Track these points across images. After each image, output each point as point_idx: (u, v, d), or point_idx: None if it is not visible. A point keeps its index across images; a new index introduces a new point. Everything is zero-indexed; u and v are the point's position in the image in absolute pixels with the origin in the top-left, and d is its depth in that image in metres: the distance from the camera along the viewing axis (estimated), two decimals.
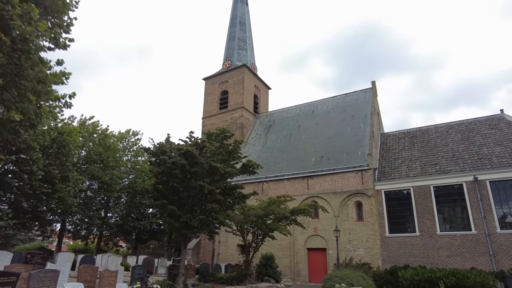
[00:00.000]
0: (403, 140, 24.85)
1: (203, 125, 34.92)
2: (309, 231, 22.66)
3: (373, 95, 27.83)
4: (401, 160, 22.73)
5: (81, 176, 21.44)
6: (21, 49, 6.78)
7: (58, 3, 7.67)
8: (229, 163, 15.75)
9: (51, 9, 8.05)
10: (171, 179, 14.30)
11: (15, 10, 5.73)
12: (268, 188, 25.45)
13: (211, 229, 15.96)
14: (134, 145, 29.07)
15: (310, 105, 31.95)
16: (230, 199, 15.92)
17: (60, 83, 8.46)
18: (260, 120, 34.17)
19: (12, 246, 31.80)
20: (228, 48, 39.16)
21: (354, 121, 26.49)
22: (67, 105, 9.09)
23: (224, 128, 16.85)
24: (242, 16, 40.54)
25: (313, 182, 23.69)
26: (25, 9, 6.02)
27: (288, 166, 25.91)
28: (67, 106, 9.11)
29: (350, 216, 21.82)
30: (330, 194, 22.73)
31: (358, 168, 22.16)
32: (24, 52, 6.92)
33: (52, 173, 18.12)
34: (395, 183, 21.13)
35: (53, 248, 32.26)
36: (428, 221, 19.55)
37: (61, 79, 8.44)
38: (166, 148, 14.54)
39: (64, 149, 18.92)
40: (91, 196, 25.04)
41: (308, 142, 27.32)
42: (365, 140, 23.80)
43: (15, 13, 5.71)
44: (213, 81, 36.73)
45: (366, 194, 21.52)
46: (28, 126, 8.91)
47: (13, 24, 5.78)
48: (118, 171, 25.20)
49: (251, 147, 30.53)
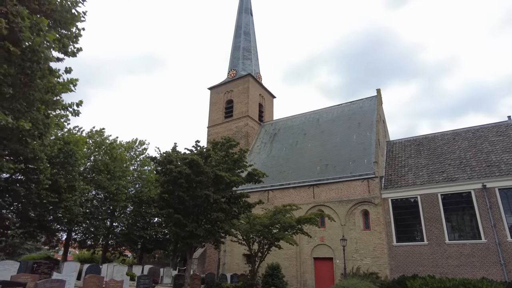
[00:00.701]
0: (409, 147, 24.65)
1: (208, 134, 35.01)
2: (315, 240, 22.41)
3: (378, 102, 27.76)
4: (408, 168, 22.52)
5: (88, 186, 21.54)
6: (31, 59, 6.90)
7: (66, 15, 7.81)
8: (234, 172, 15.75)
9: (59, 21, 8.21)
10: (177, 188, 14.30)
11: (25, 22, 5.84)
12: (273, 196, 25.31)
13: (216, 239, 15.88)
14: (140, 155, 29.22)
15: (315, 113, 31.94)
16: (235, 208, 15.86)
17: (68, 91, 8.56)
18: (265, 129, 34.19)
19: (19, 256, 31.90)
20: (233, 58, 39.51)
21: (360, 129, 26.38)
22: (74, 112, 9.18)
23: (230, 137, 16.89)
24: (246, 26, 40.99)
25: (319, 191, 23.52)
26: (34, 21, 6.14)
27: (293, 174, 25.78)
28: (75, 114, 9.20)
29: (357, 225, 21.56)
30: (336, 202, 22.52)
31: (365, 176, 21.98)
32: (33, 62, 7.04)
33: (58, 183, 18.23)
34: (402, 191, 20.89)
35: (59, 257, 32.26)
36: (436, 230, 19.23)
37: (69, 87, 8.54)
38: (172, 157, 14.58)
39: (71, 159, 19.06)
40: (97, 206, 25.11)
41: (314, 150, 27.22)
42: (371, 148, 23.65)
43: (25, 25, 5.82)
44: (218, 90, 36.96)
45: (372, 202, 21.29)
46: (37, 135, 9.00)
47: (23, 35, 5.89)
48: (124, 181, 25.30)
49: (256, 156, 30.49)
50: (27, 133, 8.60)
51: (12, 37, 5.92)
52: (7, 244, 23.84)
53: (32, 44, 6.30)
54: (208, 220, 15.28)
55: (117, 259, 32.53)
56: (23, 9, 5.83)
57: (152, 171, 27.40)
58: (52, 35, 6.64)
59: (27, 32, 5.85)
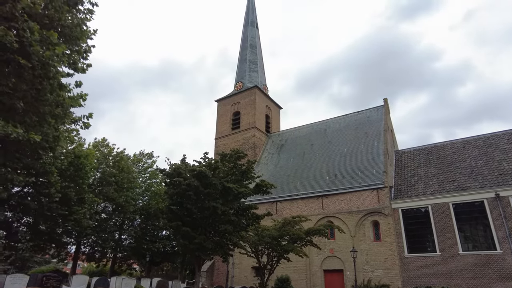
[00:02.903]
0: (418, 157, 24.31)
1: (215, 145, 35.06)
2: (325, 252, 22.02)
3: (386, 112, 27.59)
4: (417, 177, 22.16)
5: (96, 198, 21.58)
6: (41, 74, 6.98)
7: (76, 29, 7.93)
8: (242, 183, 15.65)
9: (70, 36, 8.34)
10: (185, 201, 14.24)
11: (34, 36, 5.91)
12: (282, 208, 25.05)
13: (225, 251, 15.69)
14: (149, 167, 29.29)
15: (322, 123, 31.83)
16: (244, 220, 15.73)
17: (78, 106, 8.62)
18: (272, 140, 34.14)
19: (29, 269, 31.89)
20: (239, 70, 39.84)
21: (368, 139, 26.15)
22: (85, 125, 9.23)
23: (238, 148, 16.85)
24: (252, 39, 41.42)
25: (328, 202, 23.23)
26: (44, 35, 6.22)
27: (302, 185, 25.56)
28: (85, 127, 9.24)
29: (367, 236, 21.17)
30: (346, 213, 22.20)
31: (374, 186, 21.68)
32: (44, 78, 7.12)
33: (68, 195, 18.32)
34: (412, 201, 20.53)
35: (67, 270, 32.18)
36: (448, 240, 18.75)
37: (79, 102, 8.61)
38: (181, 169, 14.56)
39: (81, 172, 19.17)
40: (105, 218, 25.10)
41: (322, 160, 27.03)
42: (380, 158, 23.39)
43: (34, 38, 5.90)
44: (225, 102, 37.16)
45: (382, 213, 20.93)
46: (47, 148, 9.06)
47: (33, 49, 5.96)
48: (132, 193, 25.31)
49: (264, 167, 30.35)
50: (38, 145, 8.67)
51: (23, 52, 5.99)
52: (17, 257, 23.87)
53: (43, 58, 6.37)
54: (217, 232, 15.14)
55: (125, 272, 32.30)
56: (34, 24, 5.91)
57: (160, 184, 27.41)
58: (61, 48, 6.71)
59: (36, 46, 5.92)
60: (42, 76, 6.98)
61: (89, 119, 9.35)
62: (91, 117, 9.31)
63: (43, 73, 6.75)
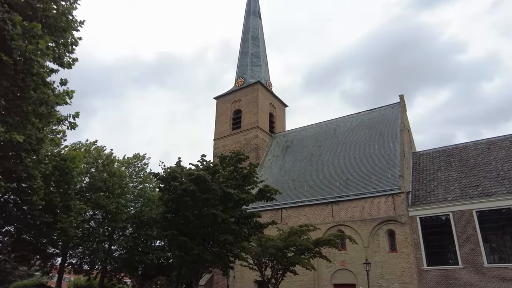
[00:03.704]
0: (438, 159, 24.22)
1: (214, 147, 35.11)
2: (335, 264, 21.95)
3: (402, 110, 27.50)
4: (437, 182, 22.08)
5: (84, 205, 21.63)
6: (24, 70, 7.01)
7: (62, 19, 7.96)
8: (244, 188, 15.68)
9: (54, 27, 8.37)
10: (182, 207, 14.27)
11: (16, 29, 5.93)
12: (287, 216, 25.02)
13: (225, 263, 15.69)
14: (141, 171, 29.32)
15: (331, 122, 31.79)
16: (245, 229, 15.75)
17: (63, 104, 8.65)
18: (276, 141, 34.13)
19: (10, 283, 31.99)
20: (240, 65, 39.90)
21: (382, 140, 26.10)
22: (71, 125, 9.25)
23: (238, 150, 16.86)
24: (254, 31, 41.46)
25: (338, 209, 23.18)
26: (26, 27, 6.24)
27: (309, 191, 25.52)
28: (71, 127, 9.27)
29: (382, 247, 21.11)
30: (358, 222, 22.14)
31: (389, 192, 21.62)
32: (27, 74, 7.15)
33: (53, 202, 18.35)
34: (431, 208, 20.46)
35: (52, 284, 32.28)
36: (472, 251, 18.65)
37: (65, 99, 8.64)
38: (176, 173, 14.58)
39: (67, 177, 19.21)
40: (94, 227, 25.14)
41: (331, 163, 26.99)
42: (396, 160, 23.32)
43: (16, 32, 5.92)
44: (225, 100, 37.22)
45: (399, 221, 20.86)
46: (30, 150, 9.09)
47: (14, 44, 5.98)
48: (124, 199, 25.34)
49: (268, 170, 30.33)
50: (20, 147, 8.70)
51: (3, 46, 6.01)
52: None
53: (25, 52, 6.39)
54: (216, 243, 15.15)
55: (115, 287, 32.32)
56: (16, 16, 5.93)
57: (153, 189, 27.42)
58: (44, 41, 6.73)
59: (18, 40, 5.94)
60: (25, 72, 7.01)
61: (76, 118, 9.38)
62: (77, 116, 9.33)
63: (26, 68, 6.78)
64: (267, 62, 41.23)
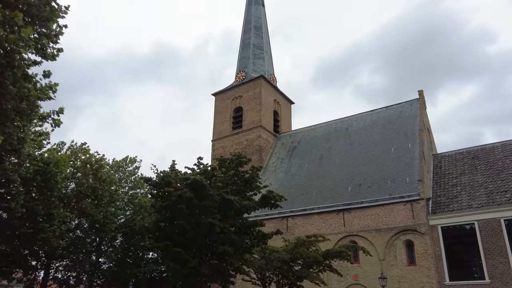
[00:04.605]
0: (461, 162, 24.20)
1: (213, 149, 35.19)
2: (347, 279, 21.95)
3: (421, 107, 27.51)
4: (461, 187, 22.07)
5: (69, 214, 21.67)
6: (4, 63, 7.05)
7: (45, 9, 8.02)
8: (245, 194, 15.71)
9: (37, 17, 8.43)
10: (176, 216, 14.30)
11: None
12: (294, 225, 25.03)
13: (224, 278, 15.69)
14: (131, 175, 29.38)
15: (342, 121, 31.81)
16: (247, 240, 15.77)
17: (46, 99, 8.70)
18: (281, 141, 34.15)
19: None
20: (241, 58, 40.00)
21: (399, 140, 26.12)
22: (54, 123, 9.30)
23: (239, 152, 16.90)
24: (257, 20, 41.55)
25: (350, 217, 23.18)
26: (7, 15, 6.29)
27: (318, 197, 25.54)
28: (55, 124, 9.32)
29: (399, 260, 21.14)
30: (373, 231, 22.15)
31: (407, 199, 21.63)
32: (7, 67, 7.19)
33: (35, 210, 18.38)
34: (454, 216, 20.47)
35: None
36: (500, 265, 18.62)
37: (48, 93, 8.69)
38: (171, 178, 14.63)
39: (49, 182, 19.25)
40: (80, 237, 25.19)
41: (343, 166, 27.01)
42: (414, 163, 23.30)
43: None
44: (225, 96, 37.32)
45: (418, 231, 20.86)
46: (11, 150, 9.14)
47: None
48: (113, 207, 25.39)
49: (272, 174, 30.35)
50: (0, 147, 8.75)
51: None
52: None
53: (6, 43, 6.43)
54: (214, 255, 15.18)
55: None
56: None
57: (145, 195, 27.48)
58: (27, 30, 6.78)
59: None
60: (5, 65, 7.05)
61: (60, 115, 9.43)
62: (62, 112, 9.38)
63: (6, 62, 6.82)
64: (271, 55, 41.34)
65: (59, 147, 23.86)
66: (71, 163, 23.13)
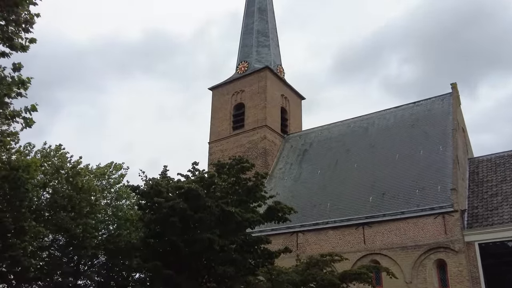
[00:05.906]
0: (502, 167, 24.14)
1: (210, 152, 35.19)
2: None
3: (455, 103, 27.40)
4: (502, 196, 22.02)
5: (42, 228, 21.69)
6: None
7: None
8: (248, 206, 15.70)
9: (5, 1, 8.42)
10: (168, 230, 14.30)
11: None
12: (305, 241, 24.99)
13: None
14: (116, 184, 29.39)
15: (362, 120, 31.74)
16: (251, 259, 15.75)
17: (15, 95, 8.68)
18: (290, 143, 34.14)
19: None
20: (243, 46, 39.96)
21: (429, 142, 26.06)
22: (26, 123, 9.29)
23: (241, 156, 16.89)
24: (262, 1, 41.45)
25: (371, 233, 23.14)
26: None
27: (333, 209, 25.51)
28: (27, 124, 9.31)
29: (429, 282, 21.08)
30: (398, 250, 22.10)
31: (438, 211, 21.56)
32: None
33: (2, 223, 18.40)
34: (494, 231, 20.47)
35: None
36: None
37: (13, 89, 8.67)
38: (161, 186, 14.63)
39: (19, 191, 19.26)
40: (56, 256, 25.21)
41: (362, 173, 26.96)
42: (447, 169, 23.21)
43: None
44: (223, 91, 37.34)
45: (451, 248, 20.80)
46: None
47: None
48: (94, 219, 25.38)
49: (279, 182, 30.32)
50: None
51: None
52: None
53: None
54: (212, 277, 15.18)
55: None
56: None
57: (132, 206, 27.49)
58: None
59: None
60: None
61: (33, 112, 9.41)
62: (35, 109, 9.36)
63: None
64: (278, 43, 41.20)
65: (27, 149, 23.81)
66: (42, 169, 23.11)
